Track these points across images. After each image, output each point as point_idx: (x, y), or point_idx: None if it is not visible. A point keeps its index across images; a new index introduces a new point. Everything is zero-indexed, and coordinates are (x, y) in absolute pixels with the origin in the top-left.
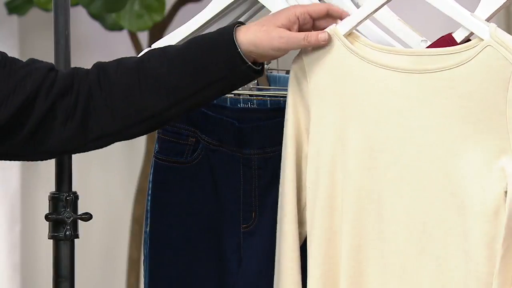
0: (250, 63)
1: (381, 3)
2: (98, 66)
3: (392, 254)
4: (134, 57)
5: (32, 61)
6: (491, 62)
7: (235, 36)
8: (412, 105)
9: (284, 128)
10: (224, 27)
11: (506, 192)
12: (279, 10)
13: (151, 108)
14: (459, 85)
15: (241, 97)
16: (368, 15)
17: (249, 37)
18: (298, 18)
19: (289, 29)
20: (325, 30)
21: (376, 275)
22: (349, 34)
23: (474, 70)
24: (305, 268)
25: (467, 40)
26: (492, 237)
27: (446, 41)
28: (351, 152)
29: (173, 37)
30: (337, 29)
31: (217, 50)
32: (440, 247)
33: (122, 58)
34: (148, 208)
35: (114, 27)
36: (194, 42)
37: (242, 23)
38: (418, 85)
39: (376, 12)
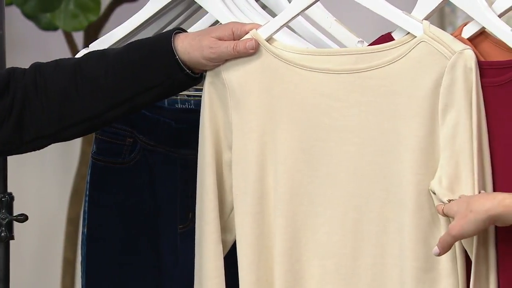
0: (187, 71)
1: (303, 7)
2: (35, 66)
3: (327, 255)
4: (72, 58)
5: None
6: (425, 57)
7: (173, 43)
8: (341, 106)
9: (200, 136)
10: (163, 32)
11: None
12: (220, 24)
13: (87, 110)
14: (390, 82)
15: (178, 97)
16: (289, 20)
17: (184, 45)
18: (233, 33)
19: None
20: (247, 35)
21: (313, 277)
22: (268, 39)
23: (407, 67)
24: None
25: None
26: (427, 233)
27: (386, 40)
28: (282, 156)
29: (109, 38)
30: (258, 34)
31: (155, 57)
32: (376, 246)
33: (60, 59)
34: (86, 209)
35: (49, 27)
36: (133, 47)
37: (182, 30)
38: (346, 85)
39: (313, 14)
